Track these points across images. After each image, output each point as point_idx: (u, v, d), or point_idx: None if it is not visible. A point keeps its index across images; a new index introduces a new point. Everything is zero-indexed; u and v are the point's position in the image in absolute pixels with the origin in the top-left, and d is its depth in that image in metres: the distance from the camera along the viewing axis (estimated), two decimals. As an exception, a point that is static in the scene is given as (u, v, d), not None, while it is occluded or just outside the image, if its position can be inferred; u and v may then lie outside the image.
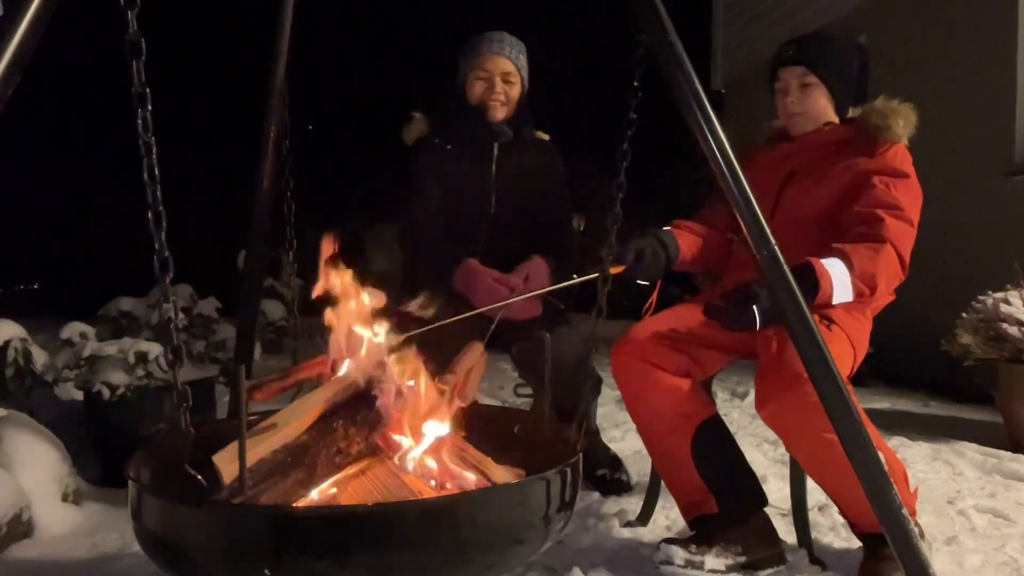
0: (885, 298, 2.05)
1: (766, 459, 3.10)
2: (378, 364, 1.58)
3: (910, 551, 1.53)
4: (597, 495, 2.63)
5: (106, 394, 2.73)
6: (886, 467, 1.54)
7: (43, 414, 2.81)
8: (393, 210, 2.72)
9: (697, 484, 2.02)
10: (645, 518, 2.36)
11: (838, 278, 1.86)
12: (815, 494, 2.15)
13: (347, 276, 1.61)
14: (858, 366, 2.05)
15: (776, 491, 2.55)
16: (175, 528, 1.35)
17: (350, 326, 1.60)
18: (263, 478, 1.38)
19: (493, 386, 4.70)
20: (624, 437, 3.48)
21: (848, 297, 1.89)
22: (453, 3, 14.33)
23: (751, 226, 1.53)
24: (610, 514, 2.41)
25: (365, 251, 9.39)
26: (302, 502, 1.40)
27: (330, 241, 1.62)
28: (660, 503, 2.37)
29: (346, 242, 1.70)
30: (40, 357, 2.93)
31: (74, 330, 3.11)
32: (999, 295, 3.44)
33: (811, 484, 2.04)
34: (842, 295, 1.87)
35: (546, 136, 2.82)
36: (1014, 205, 4.59)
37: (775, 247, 1.52)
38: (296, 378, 1.66)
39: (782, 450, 3.00)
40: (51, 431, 2.54)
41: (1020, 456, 3.15)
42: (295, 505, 1.39)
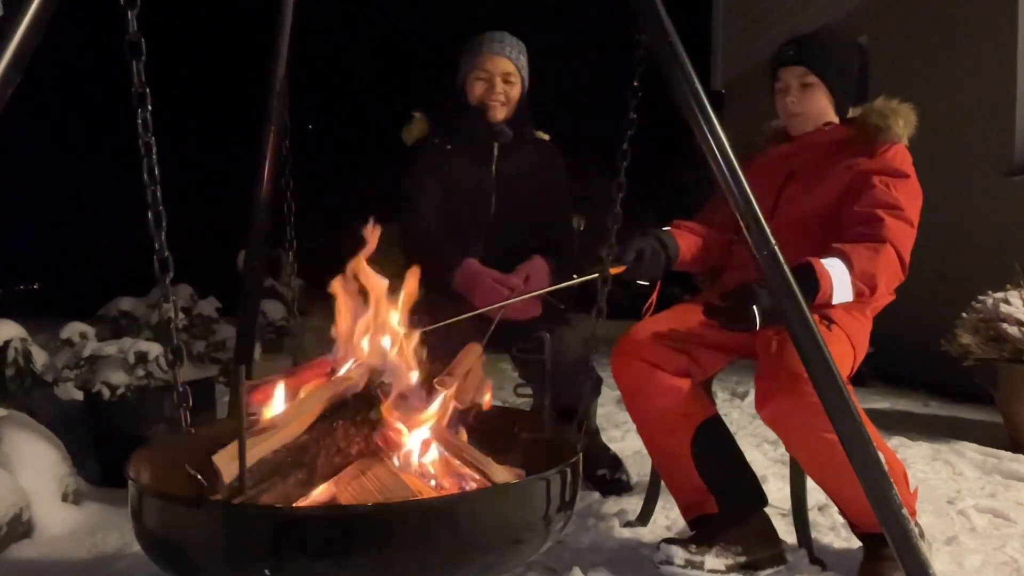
0: (885, 298, 2.05)
1: (766, 459, 3.10)
2: (379, 364, 1.58)
3: (910, 551, 1.53)
4: (597, 495, 2.63)
5: (106, 394, 2.73)
6: (886, 467, 1.53)
7: (43, 414, 2.81)
8: (393, 210, 2.72)
9: (697, 484, 2.02)
10: (645, 518, 2.36)
11: (838, 278, 1.86)
12: (815, 494, 2.15)
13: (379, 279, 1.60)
14: (858, 366, 2.05)
15: (776, 491, 2.55)
16: (175, 528, 1.35)
17: (363, 328, 1.60)
18: (263, 478, 1.37)
19: (493, 386, 4.68)
20: (624, 437, 3.48)
21: (848, 297, 1.89)
22: (453, 3, 14.34)
23: (751, 226, 1.52)
24: (610, 514, 2.41)
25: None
26: (302, 502, 1.40)
27: (373, 232, 1.60)
28: (660, 503, 2.37)
29: (346, 242, 1.70)
30: (40, 357, 2.93)
31: (74, 330, 3.11)
32: (999, 295, 3.44)
33: (811, 484, 2.04)
34: (842, 295, 1.87)
35: (546, 136, 2.82)
36: (1014, 205, 4.59)
37: (775, 247, 1.52)
38: (297, 379, 1.65)
39: (782, 450, 3.00)
40: (51, 431, 2.54)
41: (1020, 456, 3.15)
42: (295, 505, 1.39)
